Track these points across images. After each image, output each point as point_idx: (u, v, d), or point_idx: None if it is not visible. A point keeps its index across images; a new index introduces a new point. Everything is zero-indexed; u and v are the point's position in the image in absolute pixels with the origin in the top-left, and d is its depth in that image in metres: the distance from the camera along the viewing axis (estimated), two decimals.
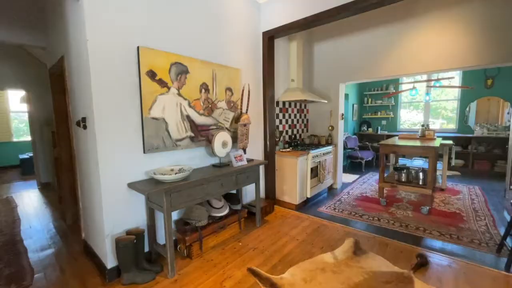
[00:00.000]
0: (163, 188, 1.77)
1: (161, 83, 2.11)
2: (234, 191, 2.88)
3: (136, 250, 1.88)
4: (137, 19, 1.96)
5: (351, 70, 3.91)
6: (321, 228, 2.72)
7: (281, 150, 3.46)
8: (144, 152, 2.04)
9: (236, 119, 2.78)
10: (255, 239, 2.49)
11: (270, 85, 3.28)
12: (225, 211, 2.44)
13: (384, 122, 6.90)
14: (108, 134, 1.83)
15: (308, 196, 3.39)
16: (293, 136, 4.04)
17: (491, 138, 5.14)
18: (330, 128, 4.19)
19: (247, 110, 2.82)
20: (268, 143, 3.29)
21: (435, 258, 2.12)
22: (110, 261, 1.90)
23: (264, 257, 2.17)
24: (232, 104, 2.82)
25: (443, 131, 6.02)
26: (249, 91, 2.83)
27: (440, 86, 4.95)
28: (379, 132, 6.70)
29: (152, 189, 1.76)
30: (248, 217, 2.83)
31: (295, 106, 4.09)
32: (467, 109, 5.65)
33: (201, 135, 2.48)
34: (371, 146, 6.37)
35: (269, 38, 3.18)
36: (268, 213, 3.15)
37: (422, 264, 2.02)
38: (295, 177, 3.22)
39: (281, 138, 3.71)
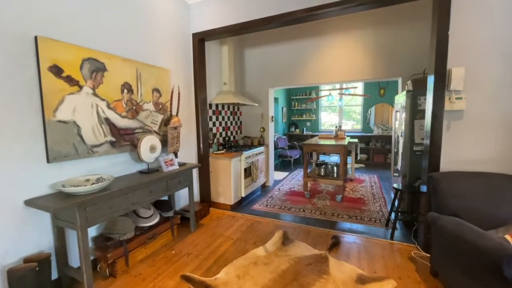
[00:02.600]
0: (76, 202, 1.55)
1: (70, 80, 1.83)
2: (165, 198, 2.73)
3: (40, 279, 1.58)
4: (36, 3, 1.64)
5: (278, 76, 4.27)
6: (255, 225, 2.88)
7: (215, 152, 3.48)
8: (48, 162, 1.72)
9: (166, 122, 2.65)
10: (190, 245, 2.43)
11: (202, 88, 3.26)
12: (155, 220, 2.29)
13: (308, 124, 7.79)
14: None
15: (243, 195, 3.53)
16: (227, 138, 4.12)
17: (384, 136, 6.50)
18: (261, 129, 4.46)
19: (177, 112, 2.73)
20: (201, 145, 3.26)
21: (345, 238, 2.54)
22: None
23: (198, 261, 2.15)
24: (160, 106, 2.68)
25: (353, 131, 7.24)
26: (179, 93, 2.74)
27: (347, 94, 5.93)
28: (304, 133, 7.52)
29: (60, 205, 1.51)
30: (182, 223, 2.74)
31: (228, 108, 4.18)
32: (368, 113, 6.96)
33: (124, 139, 2.26)
34: (298, 145, 7.07)
35: (200, 40, 3.16)
36: (203, 216, 3.12)
37: (335, 244, 2.40)
38: (229, 178, 3.30)
39: (215, 140, 3.73)
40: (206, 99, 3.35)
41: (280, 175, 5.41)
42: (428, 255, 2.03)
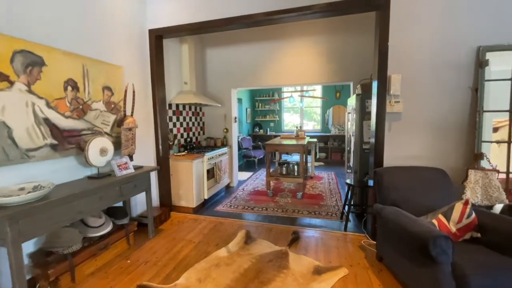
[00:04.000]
0: (5, 215, 1.35)
1: None
2: (120, 204, 2.54)
3: None
4: None
5: (241, 77, 4.30)
6: (218, 226, 2.85)
7: (175, 154, 3.36)
8: None
9: (119, 123, 2.47)
10: (148, 252, 2.31)
11: (160, 87, 3.11)
12: (107, 229, 2.12)
13: (272, 124, 7.99)
14: None
15: (206, 197, 3.47)
16: (188, 139, 4.00)
17: (340, 136, 7.00)
18: (225, 130, 4.44)
19: (132, 112, 2.56)
20: (160, 147, 3.11)
21: (304, 232, 2.68)
22: None
23: (157, 268, 2.05)
24: (113, 106, 2.49)
25: (314, 131, 7.65)
26: (134, 92, 2.58)
27: (307, 96, 6.24)
28: (268, 133, 7.70)
29: None
30: (140, 230, 2.58)
31: (190, 109, 4.07)
32: (327, 114, 7.42)
33: (69, 142, 2.05)
34: (262, 146, 7.20)
35: (157, 37, 3.01)
36: (163, 221, 2.98)
37: (295, 239, 2.51)
38: (191, 180, 3.21)
39: (176, 141, 3.59)
40: (165, 99, 3.22)
41: (244, 175, 5.44)
42: (375, 242, 2.25)
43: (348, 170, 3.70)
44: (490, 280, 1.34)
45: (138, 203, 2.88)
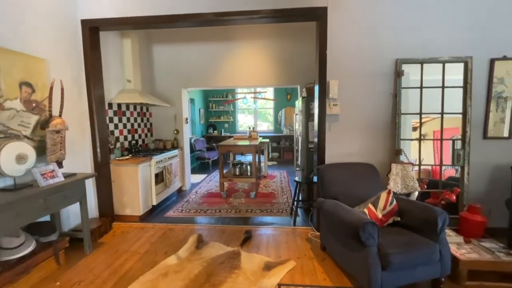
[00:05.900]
0: None
1: None
2: (47, 218, 2.20)
3: None
4: None
5: (192, 77, 4.17)
6: (167, 233, 2.71)
7: (117, 158, 3.06)
8: None
9: (43, 125, 2.13)
10: (83, 270, 2.05)
11: (97, 84, 2.80)
12: (28, 249, 1.81)
13: (226, 125, 7.96)
14: None
15: (154, 203, 3.25)
16: (133, 142, 3.70)
17: (292, 136, 7.37)
18: (175, 132, 4.24)
19: (61, 112, 2.24)
20: (98, 151, 2.80)
21: (256, 231, 2.74)
22: None
23: (93, 287, 1.84)
24: (34, 105, 2.14)
25: (268, 132, 7.89)
26: (62, 89, 2.26)
27: (259, 98, 6.41)
28: (223, 134, 7.65)
29: None
30: (74, 246, 2.28)
31: (135, 109, 3.77)
32: (279, 115, 7.75)
33: None
34: (216, 147, 7.12)
35: (92, 29, 2.70)
36: (104, 233, 2.69)
37: (248, 238, 2.55)
38: (137, 186, 2.97)
39: (118, 145, 3.28)
40: (103, 98, 2.91)
41: (198, 177, 5.30)
42: (319, 233, 2.45)
43: (297, 168, 3.93)
44: (406, 255, 1.59)
45: (72, 216, 2.53)
